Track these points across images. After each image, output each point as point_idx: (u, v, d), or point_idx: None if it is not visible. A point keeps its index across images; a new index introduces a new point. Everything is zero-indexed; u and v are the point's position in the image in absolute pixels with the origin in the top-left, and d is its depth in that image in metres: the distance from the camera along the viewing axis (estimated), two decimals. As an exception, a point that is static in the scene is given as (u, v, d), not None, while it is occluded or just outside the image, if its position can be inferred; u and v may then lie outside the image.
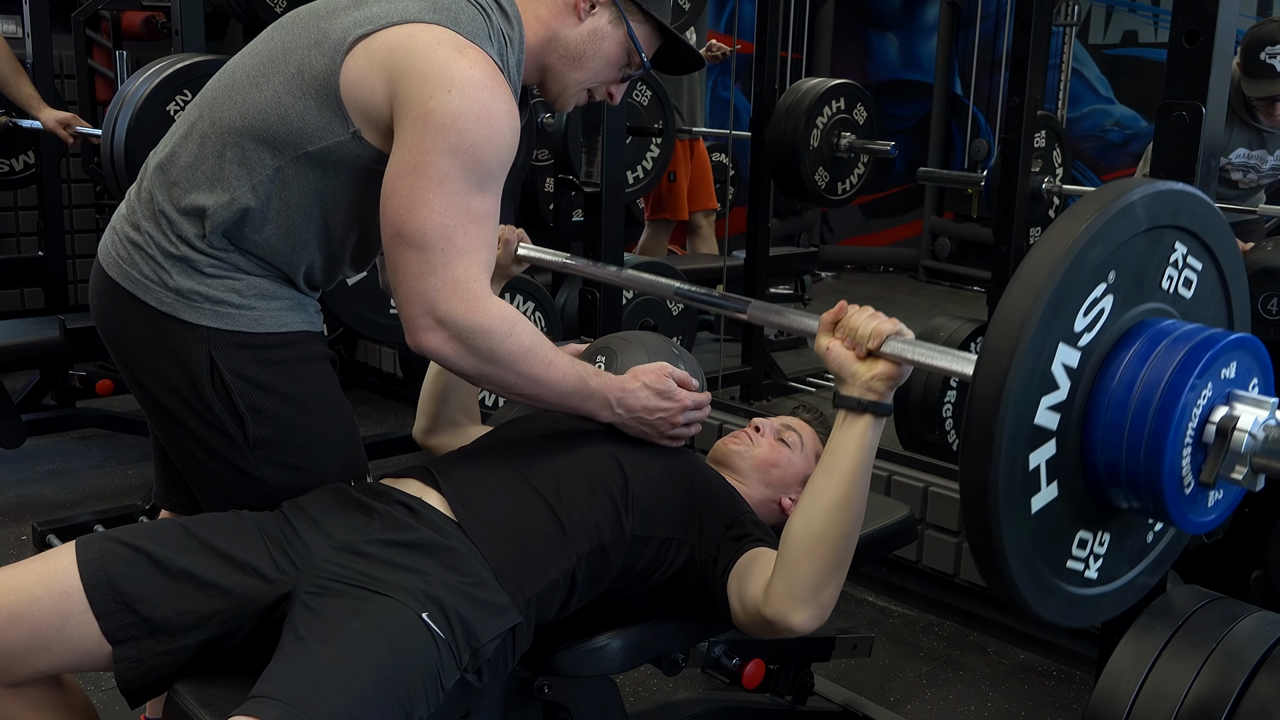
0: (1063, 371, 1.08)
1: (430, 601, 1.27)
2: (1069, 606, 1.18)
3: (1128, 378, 1.10)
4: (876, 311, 1.34)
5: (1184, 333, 1.13)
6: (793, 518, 1.35)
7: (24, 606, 1.24)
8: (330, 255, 1.51)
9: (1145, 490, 1.11)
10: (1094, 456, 1.12)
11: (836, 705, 2.18)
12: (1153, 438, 1.08)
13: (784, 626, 1.34)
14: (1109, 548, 1.21)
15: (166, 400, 1.46)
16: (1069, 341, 1.07)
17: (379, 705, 1.17)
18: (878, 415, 1.32)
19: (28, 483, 3.43)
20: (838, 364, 1.33)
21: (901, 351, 1.30)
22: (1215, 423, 1.11)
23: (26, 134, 4.31)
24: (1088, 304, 1.08)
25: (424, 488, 1.44)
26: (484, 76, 1.36)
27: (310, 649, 1.20)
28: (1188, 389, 1.08)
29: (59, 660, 1.27)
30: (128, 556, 1.28)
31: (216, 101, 1.46)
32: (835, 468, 1.33)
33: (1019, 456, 1.06)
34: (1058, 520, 1.13)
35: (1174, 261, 1.18)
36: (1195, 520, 1.16)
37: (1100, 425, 1.11)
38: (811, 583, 1.32)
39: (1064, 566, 1.16)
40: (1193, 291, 1.22)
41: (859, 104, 3.98)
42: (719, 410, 3.05)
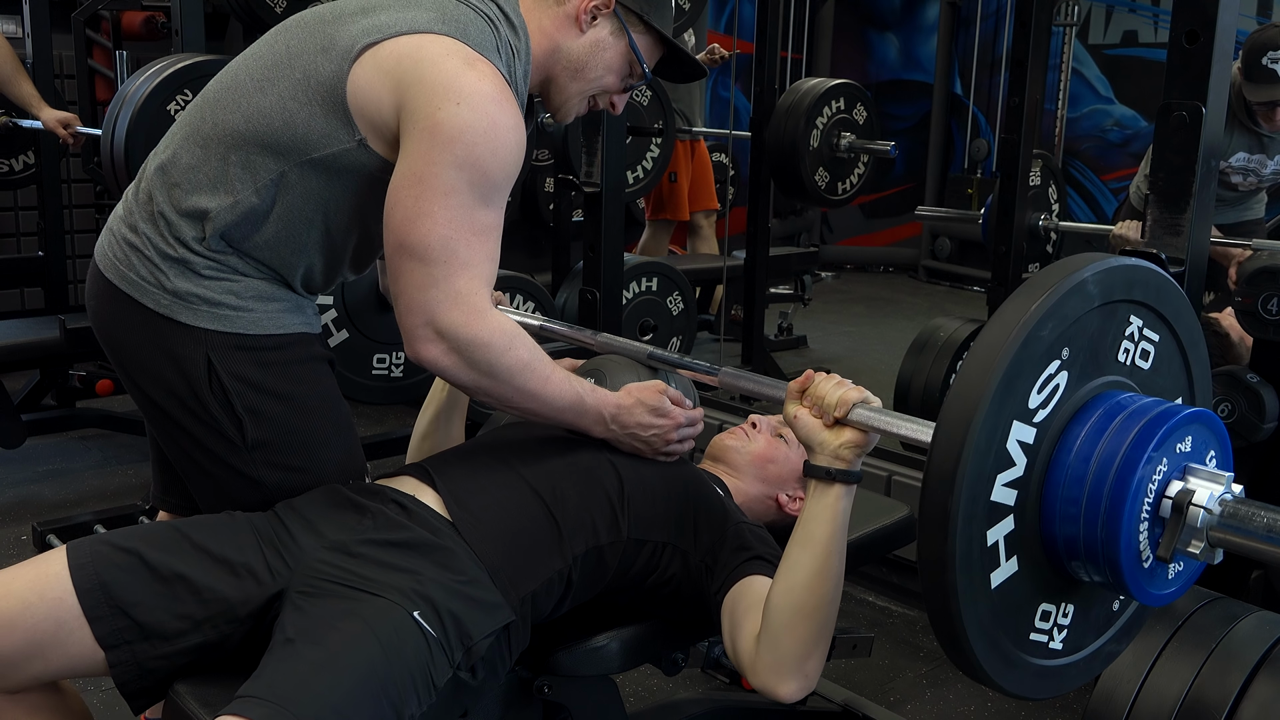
0: (1018, 448, 1.08)
1: (422, 600, 1.27)
2: (1034, 678, 1.18)
3: (1084, 452, 1.11)
4: (843, 379, 1.36)
5: (1139, 407, 1.13)
6: (773, 589, 1.35)
7: (18, 613, 1.24)
8: (331, 258, 1.51)
9: (1104, 564, 1.11)
10: (1053, 531, 1.13)
11: (836, 705, 2.18)
12: (1109, 512, 1.09)
13: (771, 695, 1.35)
14: (1073, 618, 1.21)
15: (164, 402, 1.46)
16: (1023, 419, 1.08)
17: (367, 703, 1.17)
18: (848, 483, 1.33)
19: (28, 483, 3.43)
20: (805, 432, 1.34)
21: (868, 419, 1.31)
22: (1171, 497, 1.10)
23: (26, 134, 4.31)
24: (1041, 381, 1.08)
25: (419, 485, 1.44)
26: (492, 90, 1.36)
27: (298, 649, 1.20)
28: (1143, 463, 1.08)
29: (55, 666, 1.27)
30: (120, 560, 1.28)
31: (219, 104, 1.46)
32: (810, 539, 1.33)
33: (976, 534, 1.07)
34: (1019, 594, 1.13)
35: (1129, 335, 1.18)
36: (1155, 593, 1.16)
37: (1058, 500, 1.11)
38: (795, 655, 1.32)
39: (1027, 639, 1.16)
40: (1150, 363, 1.22)
41: (859, 104, 3.98)
42: (719, 410, 3.05)
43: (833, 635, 1.35)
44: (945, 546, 1.04)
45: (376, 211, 1.40)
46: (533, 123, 1.61)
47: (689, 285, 3.71)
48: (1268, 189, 3.39)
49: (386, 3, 1.43)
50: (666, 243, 5.03)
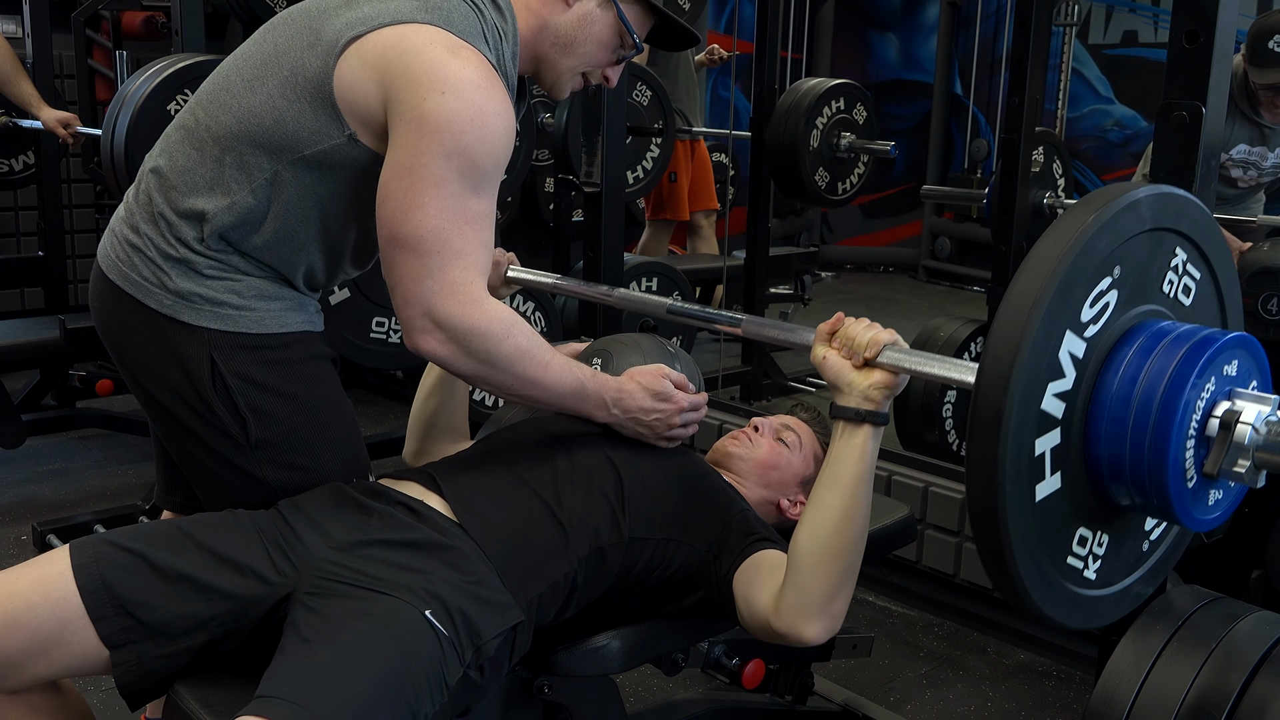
0: (1069, 360, 1.10)
1: (433, 599, 1.27)
2: (1069, 605, 1.19)
3: (1131, 373, 1.13)
4: (873, 322, 1.35)
5: (1186, 330, 1.15)
6: (799, 531, 1.35)
7: (21, 614, 1.24)
8: (331, 255, 1.51)
9: (1149, 484, 1.12)
10: (1097, 451, 1.14)
11: (836, 705, 2.18)
12: (1157, 430, 1.10)
13: (796, 639, 1.35)
14: (1107, 550, 1.22)
15: (168, 401, 1.46)
16: (1076, 330, 1.10)
17: (385, 704, 1.17)
18: (876, 424, 1.33)
19: (28, 483, 3.43)
20: (834, 374, 1.34)
21: (898, 360, 1.31)
22: (1218, 416, 1.13)
23: (26, 134, 4.31)
24: (1094, 296, 1.10)
25: (425, 490, 1.44)
26: (478, 77, 1.36)
27: (315, 649, 1.19)
28: (1192, 383, 1.10)
29: (58, 666, 1.27)
30: (123, 560, 1.28)
31: (212, 105, 1.46)
32: (837, 480, 1.33)
33: (1026, 440, 1.08)
34: (1060, 513, 1.14)
35: (1175, 267, 1.21)
36: (1197, 517, 1.17)
37: (1104, 419, 1.13)
38: (821, 596, 1.33)
39: (1064, 562, 1.17)
40: (1191, 299, 1.24)
41: (859, 104, 3.98)
42: (719, 410, 3.05)
43: (856, 580, 1.36)
44: (997, 447, 1.05)
45: (373, 205, 1.40)
46: (523, 106, 1.60)
47: (689, 285, 3.71)
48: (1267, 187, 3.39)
49: None
50: (666, 243, 5.03)
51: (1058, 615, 1.18)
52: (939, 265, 7.34)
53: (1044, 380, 1.08)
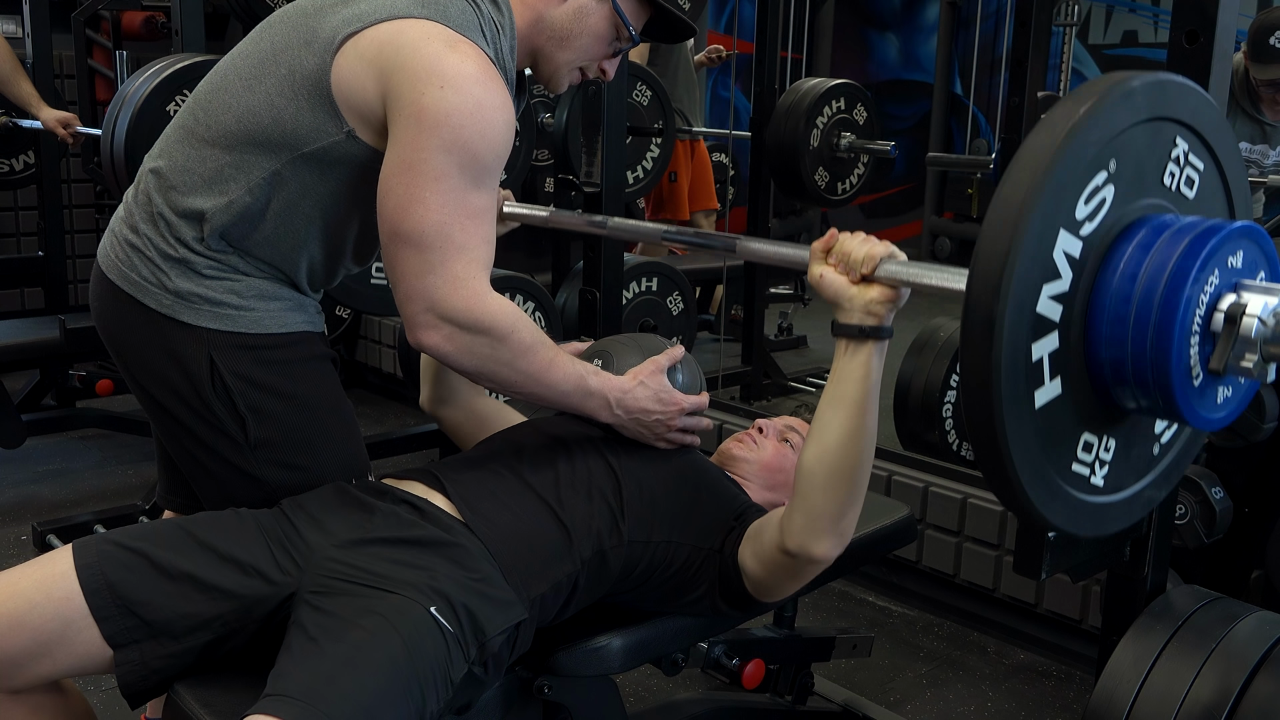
0: (1064, 260, 1.06)
1: (438, 596, 1.27)
2: (1075, 513, 1.15)
3: (1131, 270, 1.08)
4: (869, 236, 1.31)
5: (1188, 223, 1.10)
6: (805, 452, 1.34)
7: (24, 613, 1.24)
8: (331, 252, 1.51)
9: (1153, 385, 1.08)
10: (1098, 353, 1.10)
11: (836, 705, 2.18)
12: (1159, 328, 1.06)
13: (806, 558, 1.35)
14: (1115, 455, 1.18)
15: (167, 401, 1.46)
16: (1070, 229, 1.05)
17: (394, 701, 1.17)
18: (880, 340, 1.30)
19: (28, 483, 3.43)
20: (833, 291, 1.31)
21: (896, 273, 1.27)
22: (1223, 310, 1.08)
23: (26, 134, 4.31)
24: (1088, 191, 1.06)
25: (429, 490, 1.44)
26: (476, 71, 1.35)
27: (322, 647, 1.19)
28: (1194, 277, 1.05)
29: (61, 665, 1.27)
30: (126, 559, 1.28)
31: (210, 104, 1.46)
32: (842, 399, 1.31)
33: (1021, 344, 1.04)
34: (1062, 419, 1.10)
35: (1175, 158, 1.15)
36: (1205, 416, 1.13)
37: (1104, 321, 1.09)
38: (830, 514, 1.32)
39: (1069, 470, 1.14)
40: (1195, 191, 1.19)
41: (859, 104, 3.98)
42: (719, 410, 3.05)
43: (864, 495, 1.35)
44: (991, 354, 1.01)
45: (373, 200, 1.40)
46: (523, 101, 1.60)
47: (689, 285, 3.71)
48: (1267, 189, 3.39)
49: None
50: None
51: (1064, 523, 1.14)
52: (939, 265, 7.33)
53: (1038, 282, 1.03)
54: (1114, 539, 1.66)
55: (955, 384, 3.13)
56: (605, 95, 2.54)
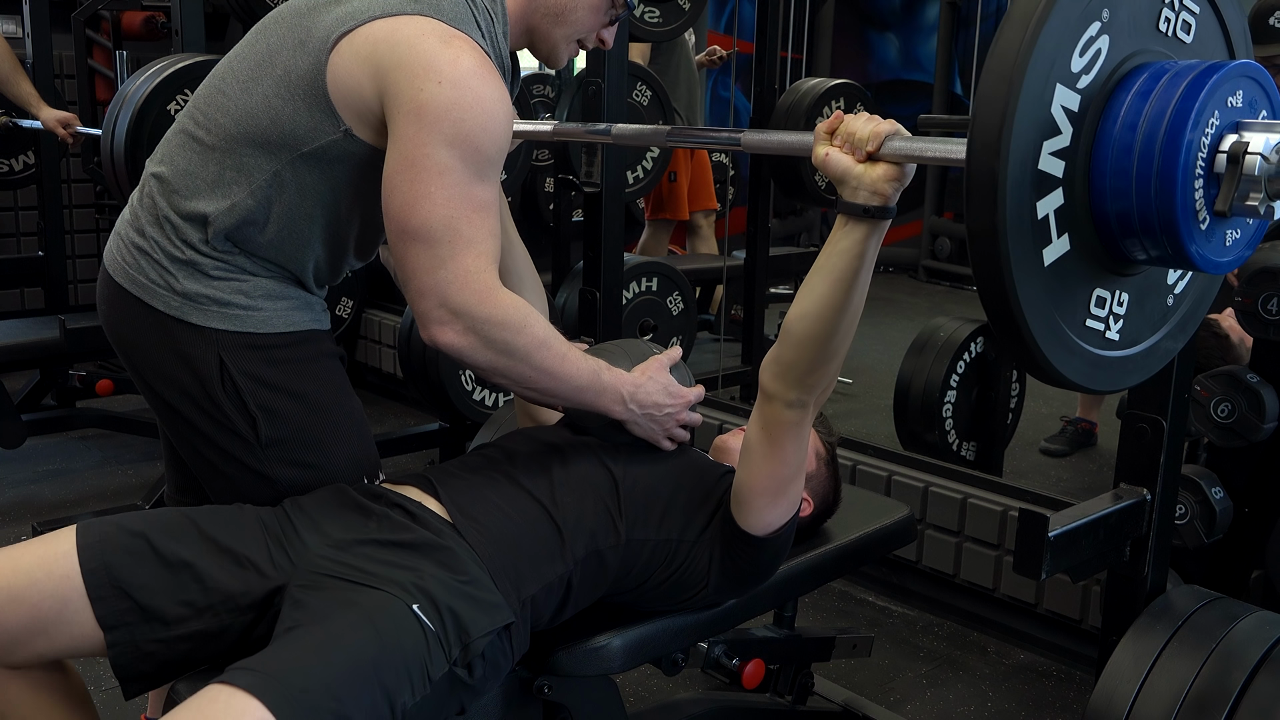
0: (1063, 115, 1.05)
1: (421, 594, 1.27)
2: (1092, 368, 1.15)
3: (1130, 119, 1.07)
4: (873, 115, 1.31)
5: (1185, 66, 1.08)
6: (790, 313, 1.37)
7: (24, 589, 1.25)
8: (335, 249, 1.51)
9: (1160, 233, 1.07)
10: (1104, 206, 1.09)
11: (836, 705, 2.18)
12: (1162, 173, 1.05)
13: (780, 398, 1.39)
14: (1129, 308, 1.18)
15: (177, 403, 1.46)
16: (1067, 83, 1.04)
17: (358, 685, 1.17)
18: (883, 219, 1.29)
19: (28, 483, 3.43)
20: (840, 169, 1.29)
21: (901, 149, 1.26)
22: (1225, 150, 1.07)
23: (26, 134, 4.31)
24: (1083, 43, 1.05)
25: (423, 494, 1.44)
26: (473, 64, 1.35)
27: (295, 634, 1.20)
28: (1193, 118, 1.04)
29: (58, 644, 1.28)
30: (128, 543, 1.29)
31: (209, 107, 1.46)
32: (831, 271, 1.31)
33: (1025, 202, 1.03)
34: (1072, 275, 1.10)
35: (1169, 2, 1.13)
36: (1215, 259, 1.12)
37: (1107, 172, 1.08)
38: (800, 369, 1.37)
39: (1084, 325, 1.13)
40: (1192, 35, 1.17)
41: (859, 104, 3.98)
42: (719, 410, 3.05)
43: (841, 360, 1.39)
44: (995, 214, 1.01)
45: (373, 194, 1.40)
46: (517, 85, 1.60)
47: (689, 285, 3.71)
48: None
49: None
50: (666, 242, 5.03)
51: (1082, 380, 1.14)
52: (939, 265, 7.34)
53: (1038, 139, 1.03)
54: (1114, 539, 1.66)
55: (955, 384, 3.13)
56: (605, 95, 2.54)
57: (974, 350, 3.17)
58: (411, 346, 3.32)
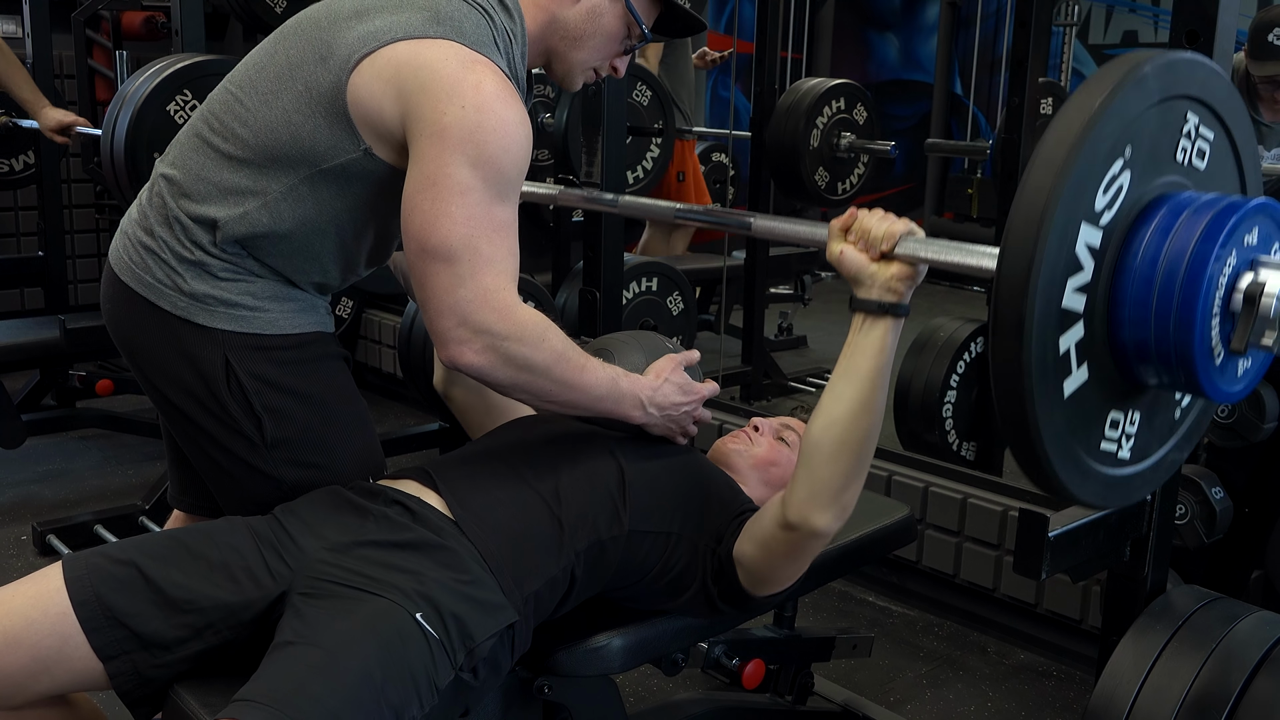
0: (1086, 252, 1.08)
1: (424, 601, 1.27)
2: (1105, 488, 1.18)
3: (1151, 253, 1.10)
4: (888, 213, 1.33)
5: (1204, 202, 1.12)
6: (812, 424, 1.35)
7: (21, 631, 1.23)
8: (346, 262, 1.52)
9: (1176, 364, 1.10)
10: (1122, 335, 1.12)
11: (836, 705, 2.18)
12: (1181, 311, 1.08)
13: (808, 530, 1.36)
14: (1139, 426, 1.21)
15: (182, 403, 1.46)
16: (1091, 221, 1.07)
17: (365, 706, 1.16)
18: (898, 317, 1.31)
19: (28, 483, 3.43)
20: (854, 268, 1.32)
21: (917, 251, 1.29)
22: (1242, 290, 1.10)
23: (26, 134, 4.31)
24: (1106, 181, 1.08)
25: (422, 488, 1.44)
26: (495, 88, 1.36)
27: (297, 651, 1.19)
28: (1213, 259, 1.07)
29: (60, 682, 1.26)
30: (117, 572, 1.27)
31: (226, 115, 1.45)
32: (855, 372, 1.32)
33: (1049, 341, 1.06)
34: (1090, 402, 1.13)
35: (1187, 132, 1.17)
36: (1226, 390, 1.15)
37: (1127, 303, 1.11)
38: (834, 486, 1.34)
39: (1098, 448, 1.16)
40: (1206, 162, 1.21)
41: (859, 104, 3.97)
42: (719, 410, 3.05)
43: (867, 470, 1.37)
44: (1021, 354, 1.04)
45: (388, 211, 1.41)
46: (530, 103, 1.61)
47: (689, 285, 3.71)
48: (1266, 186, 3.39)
49: (379, 4, 1.42)
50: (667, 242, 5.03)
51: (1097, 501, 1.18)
52: (939, 265, 7.33)
53: (1062, 279, 1.06)
54: (1114, 539, 1.66)
55: (955, 384, 3.13)
56: (605, 95, 2.54)
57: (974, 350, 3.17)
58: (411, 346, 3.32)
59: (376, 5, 1.43)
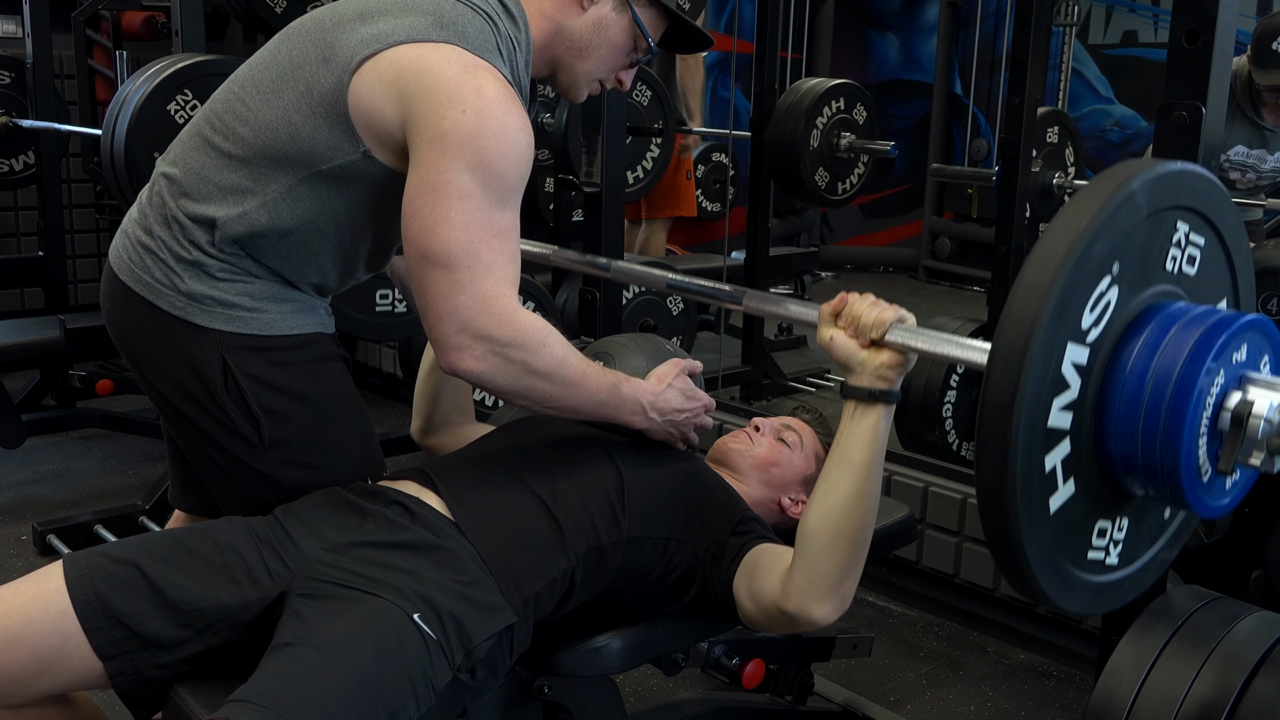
0: (1073, 370, 1.07)
1: (422, 602, 1.27)
2: (1094, 596, 1.18)
3: (1139, 368, 1.09)
4: (878, 299, 1.33)
5: (1193, 318, 1.11)
6: (808, 512, 1.34)
7: (21, 630, 1.23)
8: (344, 264, 1.51)
9: (1163, 481, 1.10)
10: (1109, 449, 1.11)
11: (836, 705, 2.18)
12: (1168, 430, 1.07)
13: (806, 620, 1.35)
14: (1128, 532, 1.20)
15: (181, 403, 1.46)
16: (1077, 340, 1.06)
17: (360, 707, 1.17)
18: (888, 404, 1.32)
19: (28, 483, 3.43)
20: (844, 355, 1.32)
21: (906, 339, 1.29)
22: (1230, 409, 1.09)
23: (26, 134, 4.31)
24: (1093, 299, 1.07)
25: (421, 489, 1.44)
26: (497, 93, 1.35)
27: (293, 652, 1.19)
28: (1201, 378, 1.06)
29: (61, 681, 1.27)
30: (117, 572, 1.28)
31: (228, 114, 1.45)
32: (849, 460, 1.32)
33: (1035, 461, 1.06)
34: (1076, 515, 1.12)
35: (1176, 241, 1.16)
36: (1213, 505, 1.15)
37: (1114, 418, 1.10)
38: (832, 576, 1.33)
39: (1085, 558, 1.16)
40: (1197, 268, 1.20)
41: (859, 104, 3.98)
42: (719, 410, 3.05)
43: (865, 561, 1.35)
44: (1005, 477, 1.03)
45: (387, 214, 1.40)
46: (533, 109, 1.60)
47: (689, 285, 3.71)
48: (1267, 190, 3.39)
49: (383, 7, 1.42)
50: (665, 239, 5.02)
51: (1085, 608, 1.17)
52: (939, 265, 7.34)
53: (1048, 400, 1.05)
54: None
55: (955, 384, 3.13)
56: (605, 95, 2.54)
57: (974, 350, 3.17)
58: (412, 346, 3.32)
59: (381, 8, 1.42)
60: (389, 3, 1.43)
